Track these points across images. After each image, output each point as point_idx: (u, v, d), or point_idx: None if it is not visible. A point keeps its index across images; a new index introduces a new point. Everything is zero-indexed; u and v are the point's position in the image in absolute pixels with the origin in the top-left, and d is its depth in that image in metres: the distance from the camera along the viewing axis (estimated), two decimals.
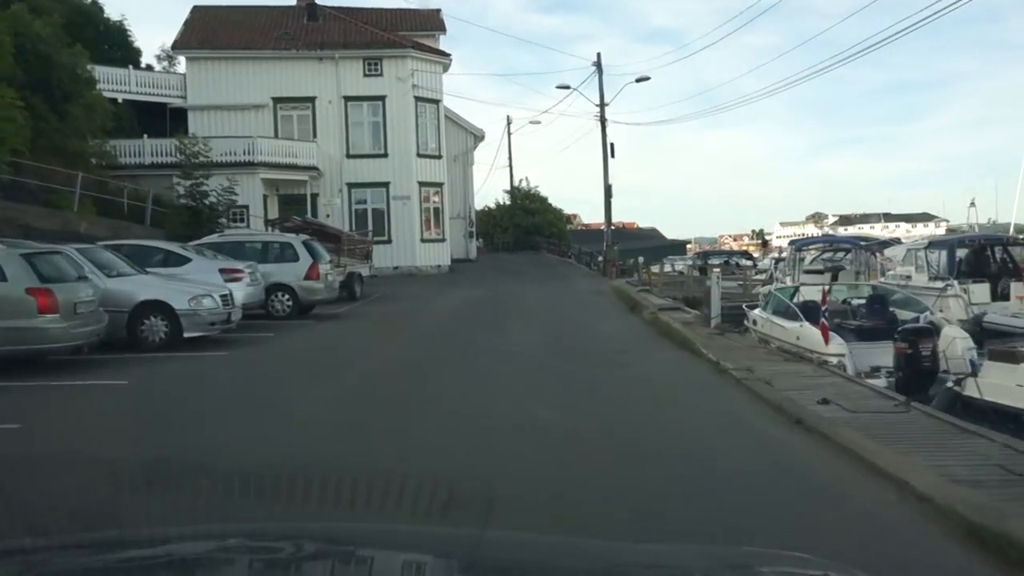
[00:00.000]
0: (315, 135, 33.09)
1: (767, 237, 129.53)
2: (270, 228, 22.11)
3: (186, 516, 2.79)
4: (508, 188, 53.32)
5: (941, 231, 78.17)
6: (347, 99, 33.42)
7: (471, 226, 41.22)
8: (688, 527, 4.95)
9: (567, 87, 33.92)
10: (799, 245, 26.10)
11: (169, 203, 26.64)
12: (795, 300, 19.10)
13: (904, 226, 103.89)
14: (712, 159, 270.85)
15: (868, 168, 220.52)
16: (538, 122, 49.29)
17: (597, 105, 33.64)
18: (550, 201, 53.67)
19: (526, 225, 50.97)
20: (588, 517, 5.02)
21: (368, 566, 1.96)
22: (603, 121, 33.57)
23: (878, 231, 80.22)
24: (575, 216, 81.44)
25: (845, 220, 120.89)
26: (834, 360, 14.34)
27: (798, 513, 5.45)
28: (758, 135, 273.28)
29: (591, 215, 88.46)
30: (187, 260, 15.53)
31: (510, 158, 53.57)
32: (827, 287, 19.12)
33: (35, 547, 1.98)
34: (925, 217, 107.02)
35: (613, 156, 33.73)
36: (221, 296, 13.48)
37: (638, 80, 33.11)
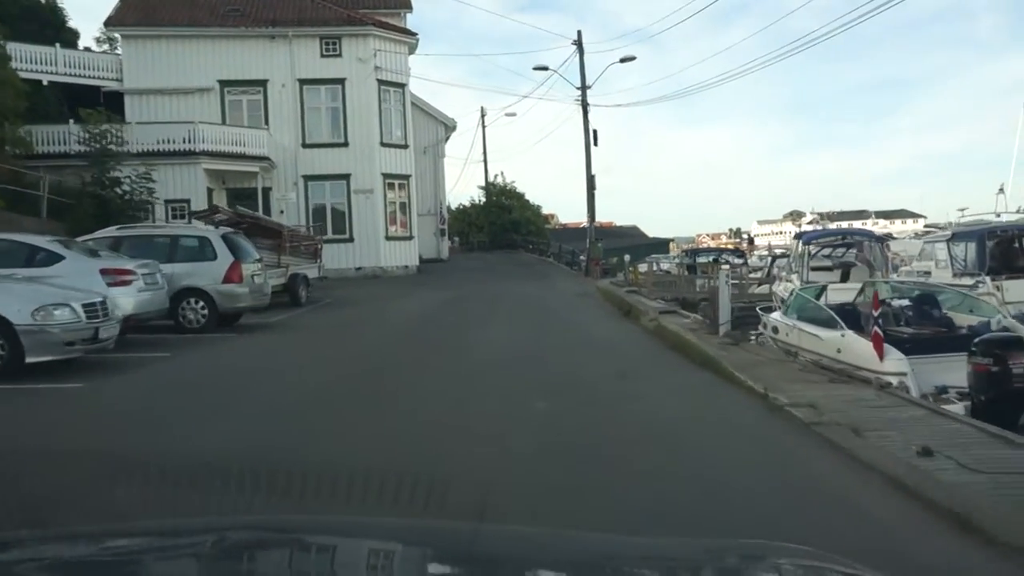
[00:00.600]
0: (267, 122, 29.26)
1: (745, 235, 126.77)
2: (203, 222, 18.36)
3: None
4: (483, 184, 49.69)
5: (919, 227, 75.50)
6: (302, 82, 29.61)
7: (442, 223, 37.48)
8: None
9: (545, 68, 30.31)
10: (807, 238, 22.60)
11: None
12: (823, 301, 15.81)
13: (882, 222, 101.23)
14: (688, 158, 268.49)
15: (844, 166, 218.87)
16: (514, 114, 45.79)
17: (578, 88, 30.08)
18: (527, 198, 50.07)
19: (502, 223, 47.37)
20: None
21: (364, 558, 1.86)
22: (585, 106, 30.03)
23: (861, 227, 77.06)
24: (553, 216, 77.90)
25: (825, 217, 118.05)
26: (894, 380, 11.00)
27: None
28: (734, 134, 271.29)
29: (568, 215, 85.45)
30: (60, 259, 11.75)
31: (484, 152, 49.98)
32: (871, 286, 15.84)
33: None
34: (904, 214, 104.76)
35: (596, 144, 30.24)
36: (86, 306, 9.74)
37: (623, 60, 29.62)
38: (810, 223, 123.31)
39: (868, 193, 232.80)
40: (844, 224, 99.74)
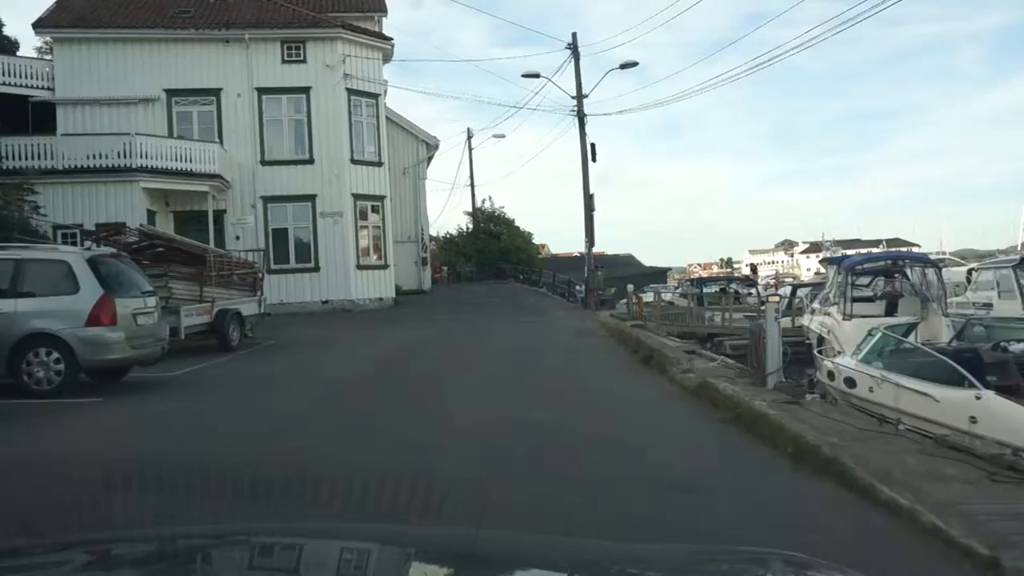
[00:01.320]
0: (220, 136, 25.09)
1: (740, 264, 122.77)
2: (93, 243, 14.15)
3: None
4: (470, 210, 45.48)
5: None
6: (261, 91, 25.44)
7: (424, 251, 33.21)
8: None
9: (536, 75, 26.24)
10: (850, 264, 18.33)
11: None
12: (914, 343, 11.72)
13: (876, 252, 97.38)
14: (676, 189, 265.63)
15: (833, 196, 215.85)
16: (502, 135, 41.45)
17: (573, 98, 26.03)
18: (517, 224, 45.79)
19: (491, 251, 43.13)
20: None
21: (366, 563, 1.81)
22: (581, 117, 25.94)
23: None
24: (544, 246, 73.69)
25: (817, 247, 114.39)
26: None
27: None
28: (722, 166, 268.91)
29: (559, 245, 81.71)
30: None
31: (471, 176, 45.80)
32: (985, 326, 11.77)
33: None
34: (897, 243, 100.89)
35: (595, 160, 26.12)
36: None
37: (623, 66, 25.62)
38: (803, 252, 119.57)
39: (856, 223, 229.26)
40: (837, 253, 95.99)
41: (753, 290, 34.15)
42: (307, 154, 25.75)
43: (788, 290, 28.77)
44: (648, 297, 27.47)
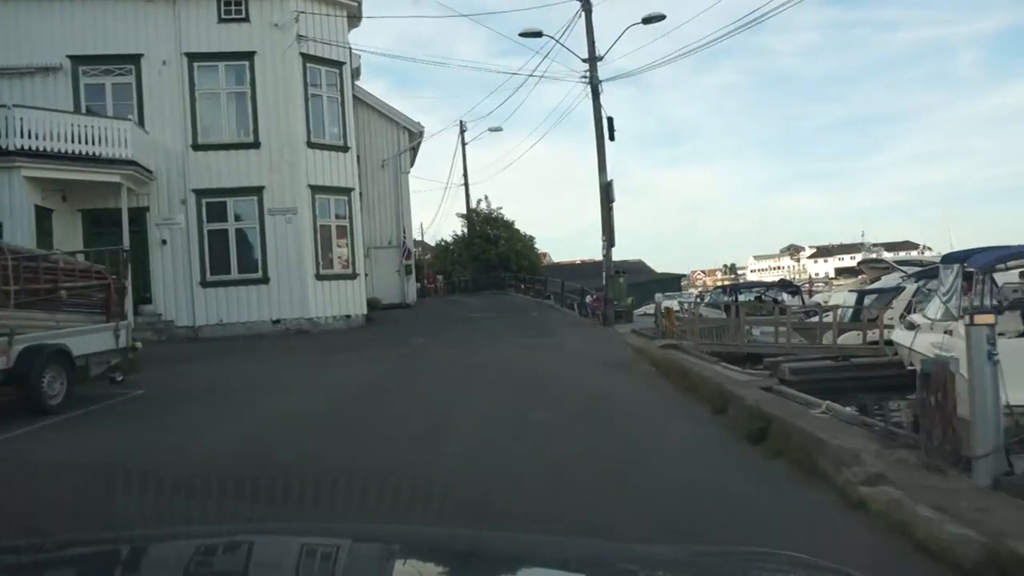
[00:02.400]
0: (141, 113, 19.22)
1: (740, 270, 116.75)
2: None
3: None
4: (463, 211, 39.43)
5: (936, 257, 65.51)
6: (192, 57, 19.50)
7: (407, 258, 27.21)
8: None
9: (539, 34, 20.23)
10: (986, 262, 12.20)
11: None
12: None
13: (888, 254, 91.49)
14: (678, 195, 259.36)
15: (835, 201, 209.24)
16: (499, 128, 35.49)
17: (584, 61, 20.07)
18: (517, 227, 39.64)
19: (488, 258, 37.12)
20: None
21: (368, 563, 1.72)
22: (594, 85, 20.00)
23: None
24: (545, 255, 67.56)
25: (824, 251, 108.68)
26: None
27: None
28: (723, 173, 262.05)
29: (559, 255, 75.91)
30: None
31: (465, 173, 39.72)
32: None
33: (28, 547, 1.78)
34: (908, 246, 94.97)
35: (612, 138, 20.16)
36: None
37: (646, 21, 19.70)
38: (810, 256, 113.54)
39: (859, 227, 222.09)
40: (847, 257, 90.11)
41: (795, 297, 28.22)
42: (251, 136, 19.78)
43: (851, 297, 22.76)
44: (673, 307, 21.56)
